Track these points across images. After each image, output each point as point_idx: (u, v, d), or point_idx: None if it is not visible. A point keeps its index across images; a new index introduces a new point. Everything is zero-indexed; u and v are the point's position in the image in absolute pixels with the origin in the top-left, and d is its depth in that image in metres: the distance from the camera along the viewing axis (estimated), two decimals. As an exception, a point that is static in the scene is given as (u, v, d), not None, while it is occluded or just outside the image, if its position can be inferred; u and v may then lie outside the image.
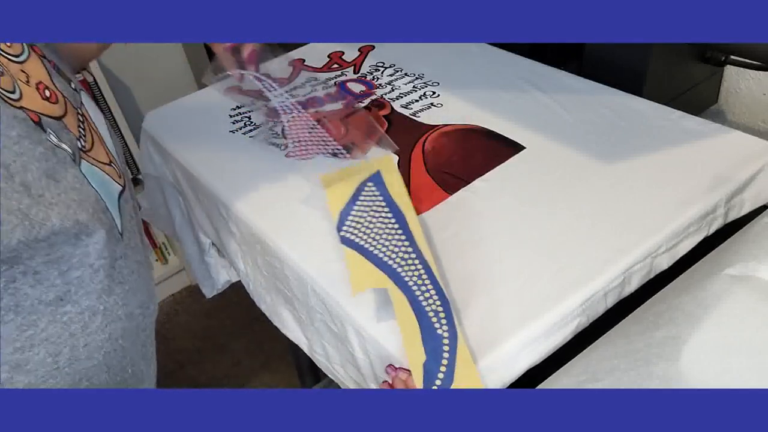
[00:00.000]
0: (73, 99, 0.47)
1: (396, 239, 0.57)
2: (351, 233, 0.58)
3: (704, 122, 0.71)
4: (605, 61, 0.84)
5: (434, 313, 0.51)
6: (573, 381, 0.46)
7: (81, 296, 0.40)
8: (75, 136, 0.43)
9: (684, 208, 0.60)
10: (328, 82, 0.89)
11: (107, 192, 0.44)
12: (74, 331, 0.40)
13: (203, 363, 1.55)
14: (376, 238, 0.58)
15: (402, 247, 0.56)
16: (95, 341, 0.41)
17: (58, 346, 0.39)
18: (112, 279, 0.42)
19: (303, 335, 0.67)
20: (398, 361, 0.51)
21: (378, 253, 0.56)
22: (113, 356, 0.43)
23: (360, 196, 0.62)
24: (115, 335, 0.43)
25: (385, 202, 0.61)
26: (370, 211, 0.60)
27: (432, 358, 0.48)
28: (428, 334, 0.49)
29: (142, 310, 0.47)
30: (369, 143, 0.75)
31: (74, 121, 0.45)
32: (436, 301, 0.52)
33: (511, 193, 0.65)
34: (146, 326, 0.48)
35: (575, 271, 0.55)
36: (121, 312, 0.43)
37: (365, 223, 0.59)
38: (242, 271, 0.75)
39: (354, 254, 0.56)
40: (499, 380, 0.51)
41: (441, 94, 0.83)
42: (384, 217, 0.59)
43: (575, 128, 0.73)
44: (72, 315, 0.40)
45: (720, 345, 0.44)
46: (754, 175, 0.63)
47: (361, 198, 0.62)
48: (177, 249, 1.60)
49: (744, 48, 0.76)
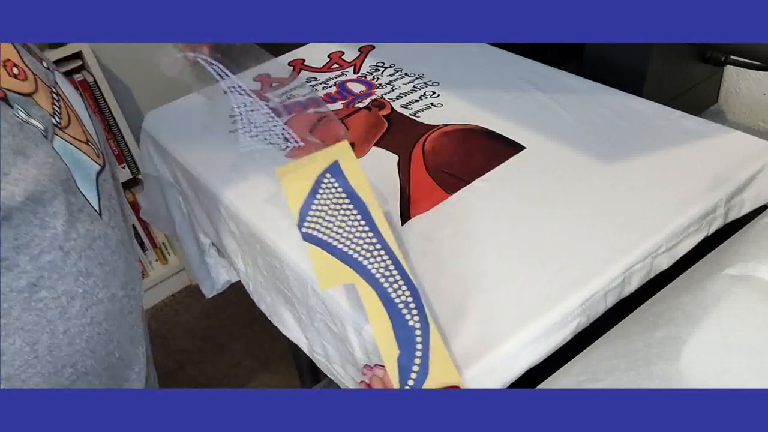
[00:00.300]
0: (46, 77, 0.46)
1: (360, 231, 0.56)
2: (313, 229, 0.57)
3: (704, 122, 0.71)
4: (605, 61, 0.84)
5: (404, 304, 0.50)
6: (573, 381, 0.46)
7: (56, 281, 0.39)
8: (48, 113, 0.43)
9: (684, 208, 0.60)
10: (328, 82, 0.89)
11: (83, 170, 0.43)
12: (51, 318, 0.39)
13: (203, 363, 1.55)
14: (339, 231, 0.56)
15: (366, 239, 0.55)
16: (76, 326, 0.40)
17: (35, 334, 0.38)
18: (90, 260, 0.41)
19: (303, 335, 0.67)
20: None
21: (343, 247, 0.55)
22: (97, 341, 0.42)
23: (319, 189, 0.60)
24: (98, 319, 0.42)
25: (345, 193, 0.59)
26: (331, 204, 0.59)
27: (405, 352, 0.48)
28: (400, 327, 0.49)
29: (126, 291, 0.45)
30: (369, 143, 0.75)
31: (47, 98, 0.44)
32: (406, 291, 0.51)
33: (511, 193, 0.65)
34: (132, 309, 0.47)
35: (575, 271, 0.55)
36: (103, 294, 0.42)
37: (327, 218, 0.58)
38: (242, 271, 0.75)
39: (318, 251, 0.55)
40: (499, 380, 0.51)
41: (441, 94, 0.83)
42: (346, 209, 0.58)
43: (575, 128, 0.73)
44: (48, 301, 0.38)
45: (720, 345, 0.44)
46: (754, 175, 0.63)
47: (321, 191, 0.60)
48: (177, 249, 1.60)
49: (744, 48, 0.76)
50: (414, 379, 0.46)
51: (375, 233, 0.56)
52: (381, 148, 0.75)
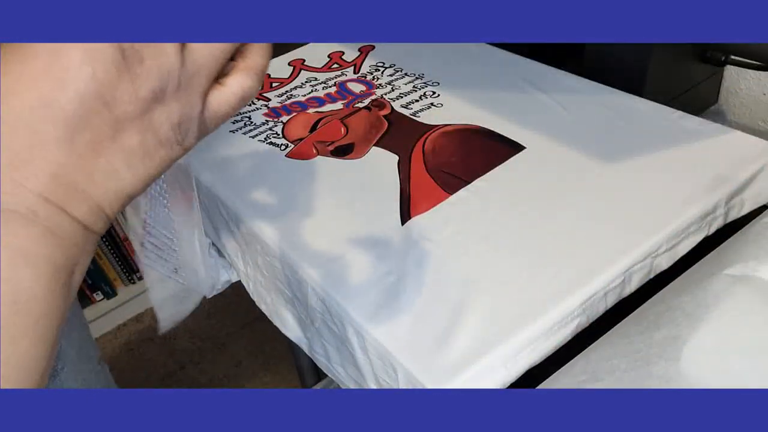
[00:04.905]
0: None
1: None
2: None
3: (704, 122, 0.71)
4: (605, 61, 0.84)
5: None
6: (573, 381, 0.46)
7: None
8: None
9: (684, 208, 0.60)
10: (328, 82, 0.89)
11: None
12: None
13: (203, 363, 1.55)
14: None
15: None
16: None
17: None
18: None
19: (303, 335, 0.67)
20: (398, 361, 0.51)
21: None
22: None
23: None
24: None
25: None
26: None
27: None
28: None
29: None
30: (369, 143, 0.75)
31: None
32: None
33: (511, 193, 0.65)
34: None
35: (575, 271, 0.55)
36: None
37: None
38: (242, 271, 0.75)
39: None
40: (499, 380, 0.51)
41: (441, 94, 0.83)
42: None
43: (575, 128, 0.73)
44: None
45: (720, 345, 0.44)
46: (754, 175, 0.63)
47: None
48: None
49: (744, 48, 0.76)
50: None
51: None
52: (381, 148, 0.75)
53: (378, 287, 0.56)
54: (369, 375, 0.57)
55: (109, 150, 0.26)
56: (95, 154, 0.26)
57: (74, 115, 0.25)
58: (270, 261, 0.66)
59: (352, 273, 0.58)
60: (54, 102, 0.24)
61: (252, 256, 0.71)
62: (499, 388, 0.51)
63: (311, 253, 0.61)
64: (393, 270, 0.58)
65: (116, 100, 0.25)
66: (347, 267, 0.59)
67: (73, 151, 0.25)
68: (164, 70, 0.26)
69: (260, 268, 0.70)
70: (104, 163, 0.26)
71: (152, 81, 0.26)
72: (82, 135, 0.25)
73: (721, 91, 0.93)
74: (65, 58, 0.24)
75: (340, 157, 0.73)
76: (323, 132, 0.78)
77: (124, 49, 0.25)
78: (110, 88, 0.25)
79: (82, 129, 0.25)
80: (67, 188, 0.26)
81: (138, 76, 0.26)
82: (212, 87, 0.29)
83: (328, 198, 0.68)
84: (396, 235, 0.62)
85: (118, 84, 0.25)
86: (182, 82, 0.27)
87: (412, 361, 0.50)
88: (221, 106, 0.30)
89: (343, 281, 0.57)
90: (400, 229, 0.63)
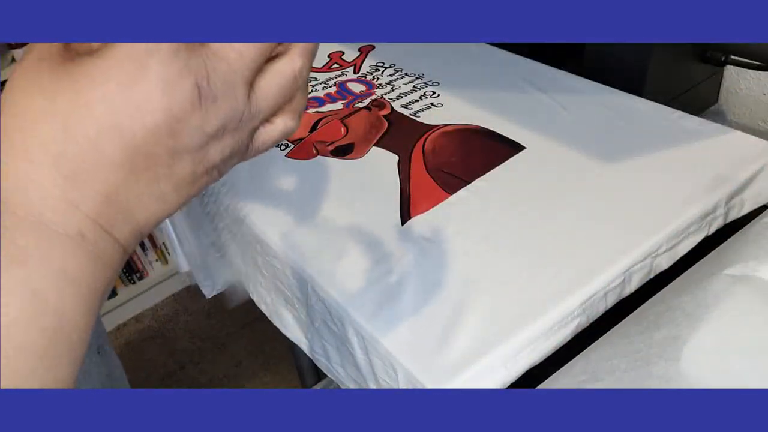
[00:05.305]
0: None
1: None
2: None
3: (704, 122, 0.71)
4: (605, 61, 0.84)
5: None
6: (573, 381, 0.46)
7: None
8: None
9: (684, 208, 0.60)
10: (328, 82, 0.89)
11: None
12: None
13: (203, 363, 1.55)
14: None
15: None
16: None
17: None
18: None
19: (303, 335, 0.67)
20: (398, 361, 0.51)
21: None
22: None
23: None
24: None
25: None
26: None
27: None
28: None
29: None
30: (369, 143, 0.75)
31: None
32: None
33: (511, 193, 0.65)
34: None
35: (575, 271, 0.55)
36: None
37: None
38: (242, 271, 0.75)
39: None
40: (499, 380, 0.51)
41: (441, 94, 0.83)
42: None
43: (575, 128, 0.73)
44: None
45: (720, 345, 0.44)
46: (754, 175, 0.63)
47: None
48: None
49: (744, 48, 0.76)
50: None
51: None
52: (381, 148, 0.75)
53: (378, 287, 0.56)
54: (369, 375, 0.57)
55: (163, 176, 0.26)
56: (150, 180, 0.26)
57: (143, 143, 0.25)
58: (270, 261, 0.66)
59: (353, 273, 0.58)
60: (127, 129, 0.24)
61: (252, 256, 0.71)
62: (499, 388, 0.51)
63: (311, 253, 0.61)
64: (393, 270, 0.58)
65: (182, 132, 0.25)
66: (347, 267, 0.59)
67: (131, 175, 0.25)
68: (232, 112, 0.27)
69: (260, 268, 0.70)
70: (156, 188, 0.27)
71: (219, 120, 0.26)
72: (143, 161, 0.25)
73: (721, 91, 0.93)
74: (146, 85, 0.24)
75: (340, 157, 0.74)
76: (323, 132, 0.78)
77: (201, 87, 0.25)
78: (180, 122, 0.25)
79: (143, 155, 0.25)
80: (117, 210, 0.26)
81: (207, 114, 0.26)
82: (262, 124, 0.30)
83: (328, 198, 0.68)
84: (396, 235, 0.62)
85: (189, 119, 0.25)
86: (243, 122, 0.28)
87: (412, 361, 0.50)
88: (265, 143, 0.31)
89: (343, 281, 0.57)
90: (400, 229, 0.63)
